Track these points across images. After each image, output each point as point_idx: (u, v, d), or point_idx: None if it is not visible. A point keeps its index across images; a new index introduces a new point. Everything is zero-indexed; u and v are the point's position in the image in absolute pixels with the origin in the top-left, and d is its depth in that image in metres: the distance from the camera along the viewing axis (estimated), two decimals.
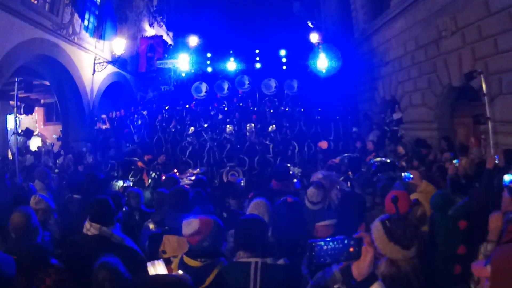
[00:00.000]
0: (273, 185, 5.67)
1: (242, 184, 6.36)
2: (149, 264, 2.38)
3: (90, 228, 3.38)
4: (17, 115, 9.51)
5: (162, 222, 4.10)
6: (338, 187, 4.79)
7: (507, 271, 1.71)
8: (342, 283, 1.72)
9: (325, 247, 1.53)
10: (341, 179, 7.19)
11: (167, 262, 2.83)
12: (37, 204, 4.07)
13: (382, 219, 2.43)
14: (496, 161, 5.10)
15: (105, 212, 3.48)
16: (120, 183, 7.58)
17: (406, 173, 4.92)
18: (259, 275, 2.48)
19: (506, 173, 4.53)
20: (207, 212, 4.19)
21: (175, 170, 9.21)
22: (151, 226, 4.42)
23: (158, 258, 3.23)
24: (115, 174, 9.45)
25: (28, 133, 8.62)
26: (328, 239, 1.55)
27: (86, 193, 5.48)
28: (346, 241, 1.56)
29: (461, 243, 3.39)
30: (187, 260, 2.69)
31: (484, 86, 7.51)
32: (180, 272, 2.39)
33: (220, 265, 2.64)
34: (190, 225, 2.69)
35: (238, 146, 12.47)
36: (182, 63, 16.82)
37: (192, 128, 13.10)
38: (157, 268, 2.34)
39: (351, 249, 1.56)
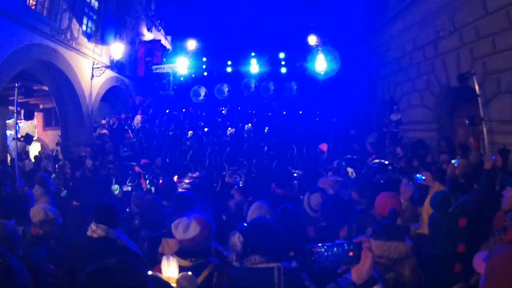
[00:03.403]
0: (275, 190, 5.68)
1: (240, 185, 6.36)
2: (164, 258, 2.34)
3: (96, 229, 3.42)
4: (18, 121, 9.48)
5: (155, 226, 4.12)
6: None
7: (502, 272, 1.70)
8: None
9: (325, 253, 1.53)
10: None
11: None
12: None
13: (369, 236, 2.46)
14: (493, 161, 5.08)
15: (111, 215, 3.55)
16: (116, 187, 7.60)
17: (419, 175, 4.94)
18: (283, 280, 2.42)
19: (505, 172, 4.53)
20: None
21: (176, 177, 9.22)
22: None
23: (156, 260, 3.20)
24: (113, 179, 9.47)
25: (28, 139, 8.59)
26: (327, 244, 1.55)
27: (85, 199, 5.51)
28: (345, 246, 1.56)
29: (461, 241, 3.38)
30: (177, 259, 2.60)
31: (477, 87, 7.52)
32: (190, 273, 2.33)
33: (211, 265, 2.60)
34: (190, 228, 2.61)
35: (237, 149, 12.46)
36: (180, 67, 16.83)
37: (191, 132, 13.09)
38: (170, 264, 2.30)
39: (351, 254, 1.56)
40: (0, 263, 1.76)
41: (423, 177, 4.84)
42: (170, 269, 2.28)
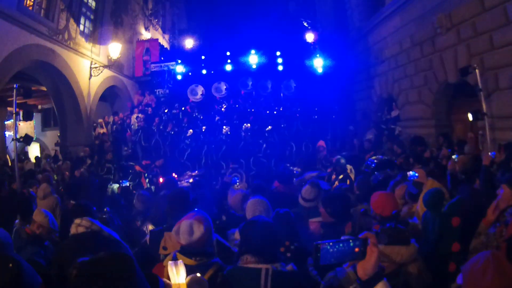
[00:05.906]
0: (277, 187, 5.71)
1: (237, 184, 6.36)
2: (171, 264, 2.24)
3: (81, 222, 3.45)
4: (17, 121, 9.48)
5: (159, 221, 4.18)
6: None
7: (478, 282, 1.73)
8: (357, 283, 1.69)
9: (330, 250, 1.54)
10: (340, 177, 7.27)
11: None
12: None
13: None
14: (492, 157, 5.08)
15: (89, 208, 3.71)
16: (116, 186, 7.64)
17: (411, 172, 4.91)
18: (270, 283, 2.36)
19: (505, 168, 4.53)
20: (209, 214, 4.20)
21: (174, 175, 9.22)
22: (150, 227, 4.61)
23: (158, 254, 3.30)
24: (111, 178, 9.49)
25: (28, 139, 8.59)
26: (333, 240, 1.56)
27: (82, 198, 5.56)
28: (351, 242, 1.58)
29: (455, 240, 3.34)
30: (181, 257, 2.52)
31: (479, 81, 7.53)
32: (198, 274, 2.27)
33: (216, 265, 2.55)
34: (194, 229, 2.54)
35: (234, 147, 12.47)
36: (178, 66, 16.82)
37: (191, 130, 13.10)
38: (179, 269, 2.21)
39: (356, 250, 1.58)
40: (10, 269, 1.74)
41: (416, 174, 4.80)
42: (179, 275, 2.21)
